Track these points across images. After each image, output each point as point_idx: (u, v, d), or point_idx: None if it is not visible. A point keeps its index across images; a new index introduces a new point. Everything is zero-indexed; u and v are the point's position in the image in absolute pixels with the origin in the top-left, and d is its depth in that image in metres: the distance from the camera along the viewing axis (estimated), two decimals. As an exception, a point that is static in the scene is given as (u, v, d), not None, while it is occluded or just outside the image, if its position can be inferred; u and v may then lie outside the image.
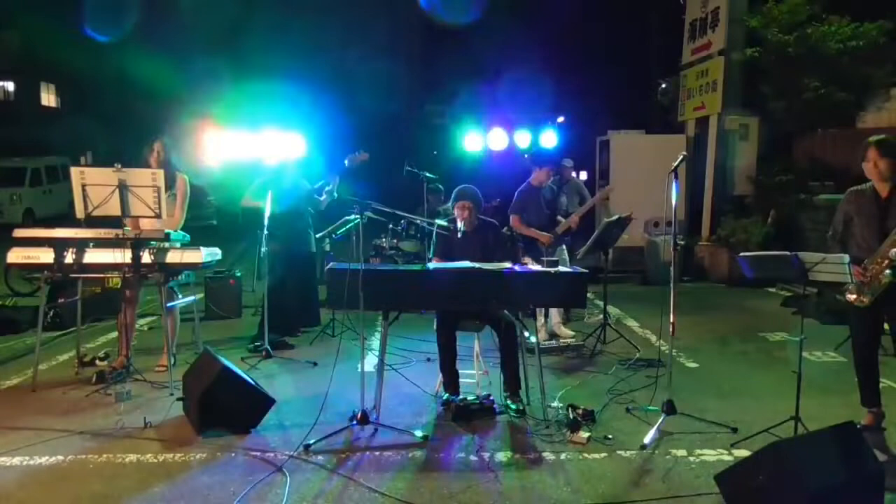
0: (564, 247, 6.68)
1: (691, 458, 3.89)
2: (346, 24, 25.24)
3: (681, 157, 4.44)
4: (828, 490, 2.97)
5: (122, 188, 4.77)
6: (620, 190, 10.39)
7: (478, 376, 5.02)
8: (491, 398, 4.60)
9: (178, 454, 3.95)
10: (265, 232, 5.82)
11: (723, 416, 4.46)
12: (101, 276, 5.02)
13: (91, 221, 4.84)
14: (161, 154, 5.39)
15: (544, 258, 4.67)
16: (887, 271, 3.96)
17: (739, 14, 10.47)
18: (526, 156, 9.55)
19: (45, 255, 4.88)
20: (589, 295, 6.46)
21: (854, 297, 4.13)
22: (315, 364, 5.74)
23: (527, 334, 4.78)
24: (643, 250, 10.40)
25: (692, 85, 11.31)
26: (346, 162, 6.47)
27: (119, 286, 5.05)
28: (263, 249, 5.87)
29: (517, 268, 4.54)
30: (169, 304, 5.26)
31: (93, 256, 4.91)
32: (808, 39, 10.63)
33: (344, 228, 6.40)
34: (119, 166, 4.79)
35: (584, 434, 4.13)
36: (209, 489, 3.53)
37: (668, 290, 4.39)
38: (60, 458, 3.89)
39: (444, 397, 4.66)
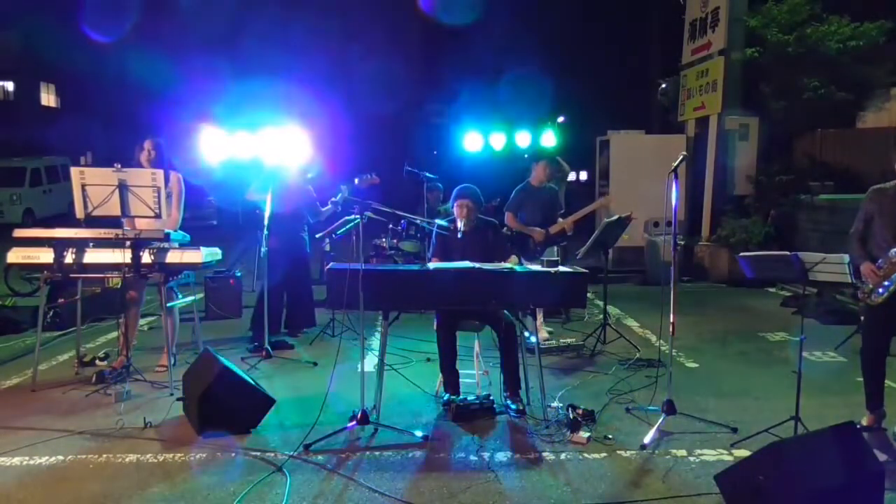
0: (556, 248, 6.68)
1: (691, 458, 3.89)
2: (346, 23, 25.24)
3: (681, 157, 4.44)
4: (828, 490, 2.97)
5: (122, 188, 4.77)
6: (620, 190, 10.42)
7: (478, 376, 5.02)
8: (491, 398, 4.60)
9: (178, 454, 3.95)
10: (265, 232, 5.83)
11: (723, 416, 4.46)
12: (101, 276, 5.02)
13: (91, 221, 4.84)
14: (152, 153, 5.38)
15: (544, 258, 4.67)
16: None
17: (739, 14, 10.47)
18: (526, 156, 9.56)
19: (45, 255, 4.87)
20: (589, 295, 6.47)
21: (865, 295, 4.11)
22: (315, 364, 5.74)
23: (527, 334, 4.78)
24: (643, 250, 10.40)
25: (692, 85, 11.31)
26: (356, 181, 6.47)
27: (119, 286, 5.05)
28: (263, 249, 5.87)
29: (517, 268, 4.54)
30: (169, 304, 5.26)
31: (93, 256, 4.91)
32: (807, 39, 10.64)
33: (344, 228, 6.40)
34: (119, 166, 4.79)
35: (584, 434, 4.13)
36: (209, 489, 3.53)
37: (668, 290, 4.39)
38: (60, 458, 3.89)
39: (445, 397, 4.66)
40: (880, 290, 4.04)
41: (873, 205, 4.17)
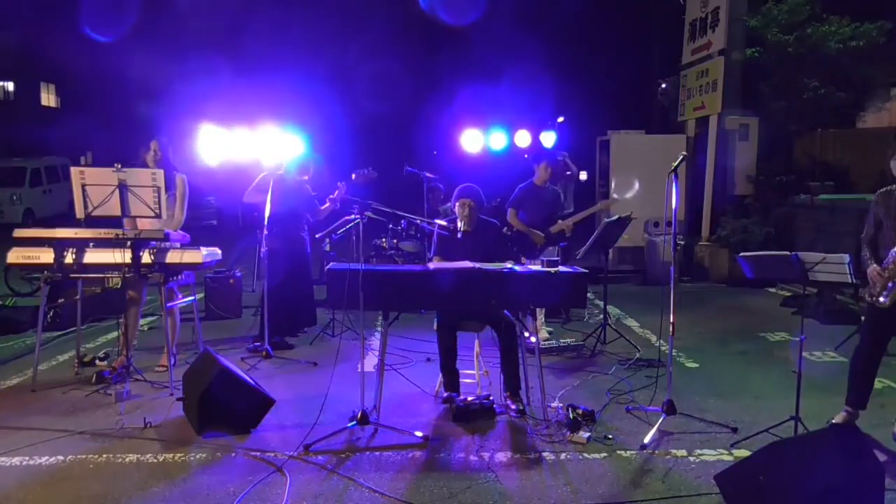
0: (558, 248, 6.69)
1: (691, 458, 3.89)
2: (345, 23, 25.24)
3: (681, 157, 4.44)
4: (828, 490, 2.97)
5: (122, 188, 4.77)
6: (620, 190, 10.44)
7: (478, 376, 5.02)
8: (491, 398, 4.60)
9: (178, 454, 3.95)
10: (265, 232, 5.83)
11: (723, 416, 4.46)
12: (101, 276, 5.02)
13: (91, 221, 4.84)
14: (158, 153, 5.39)
15: (543, 258, 4.66)
16: None
17: (739, 14, 10.48)
18: (526, 156, 9.55)
19: (45, 255, 4.87)
20: (589, 295, 6.47)
21: (872, 298, 4.08)
22: (315, 364, 5.74)
23: (527, 335, 4.79)
24: (643, 250, 10.40)
25: (692, 85, 11.31)
26: (353, 176, 6.46)
27: (119, 286, 5.05)
28: (263, 249, 5.87)
29: (517, 268, 4.54)
30: (169, 304, 5.26)
31: (93, 256, 4.91)
32: (808, 39, 10.66)
33: (344, 229, 6.40)
34: (119, 166, 4.79)
35: (584, 434, 4.13)
36: (209, 489, 3.53)
37: (668, 290, 4.39)
38: (60, 458, 3.89)
39: (445, 397, 4.66)
40: (886, 291, 4.02)
41: (881, 208, 4.12)
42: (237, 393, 4.26)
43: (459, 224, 4.87)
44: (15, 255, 4.95)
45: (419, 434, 4.16)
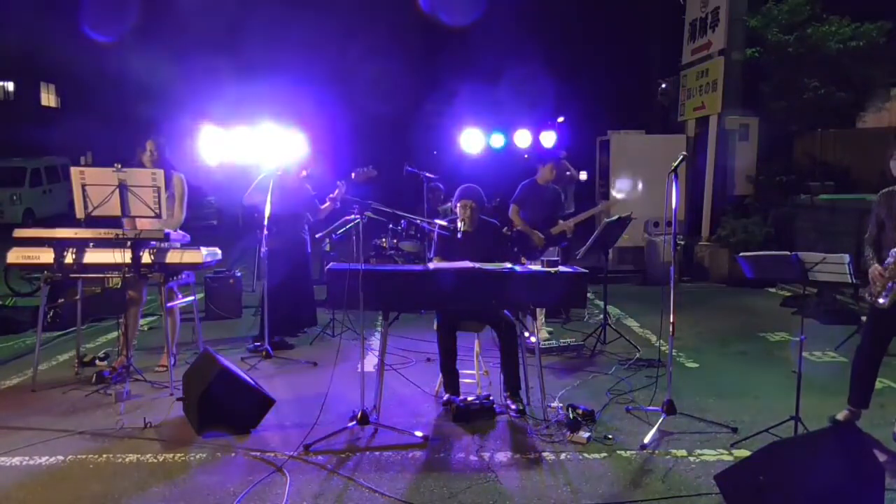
0: (558, 248, 6.70)
1: (691, 458, 3.89)
2: (346, 23, 25.24)
3: (681, 157, 4.44)
4: (828, 490, 2.97)
5: (122, 188, 4.77)
6: (620, 190, 10.45)
7: (478, 376, 5.02)
8: (491, 398, 4.60)
9: (178, 454, 3.95)
10: (265, 232, 5.82)
11: (723, 416, 4.46)
12: (101, 276, 5.02)
13: (91, 221, 4.84)
14: (154, 154, 5.38)
15: (544, 258, 4.67)
16: None
17: (739, 14, 10.48)
18: (526, 156, 9.57)
19: (45, 255, 4.87)
20: (589, 295, 6.48)
21: (872, 298, 4.08)
22: (315, 364, 5.74)
23: (527, 335, 4.78)
24: (643, 250, 10.41)
25: (692, 85, 11.31)
26: (352, 175, 6.45)
27: (119, 286, 5.05)
28: (263, 250, 5.87)
29: (517, 268, 4.54)
30: (169, 305, 5.26)
31: (93, 256, 4.91)
32: (808, 39, 10.66)
33: (344, 229, 6.40)
34: (119, 166, 4.79)
35: (584, 434, 4.13)
36: (209, 489, 3.53)
37: (668, 290, 4.39)
38: (60, 458, 3.90)
39: (445, 397, 4.66)
40: (885, 291, 4.02)
41: (883, 208, 4.13)
42: (237, 393, 4.26)
43: (460, 224, 4.87)
44: (15, 255, 4.95)
45: (419, 434, 4.16)
